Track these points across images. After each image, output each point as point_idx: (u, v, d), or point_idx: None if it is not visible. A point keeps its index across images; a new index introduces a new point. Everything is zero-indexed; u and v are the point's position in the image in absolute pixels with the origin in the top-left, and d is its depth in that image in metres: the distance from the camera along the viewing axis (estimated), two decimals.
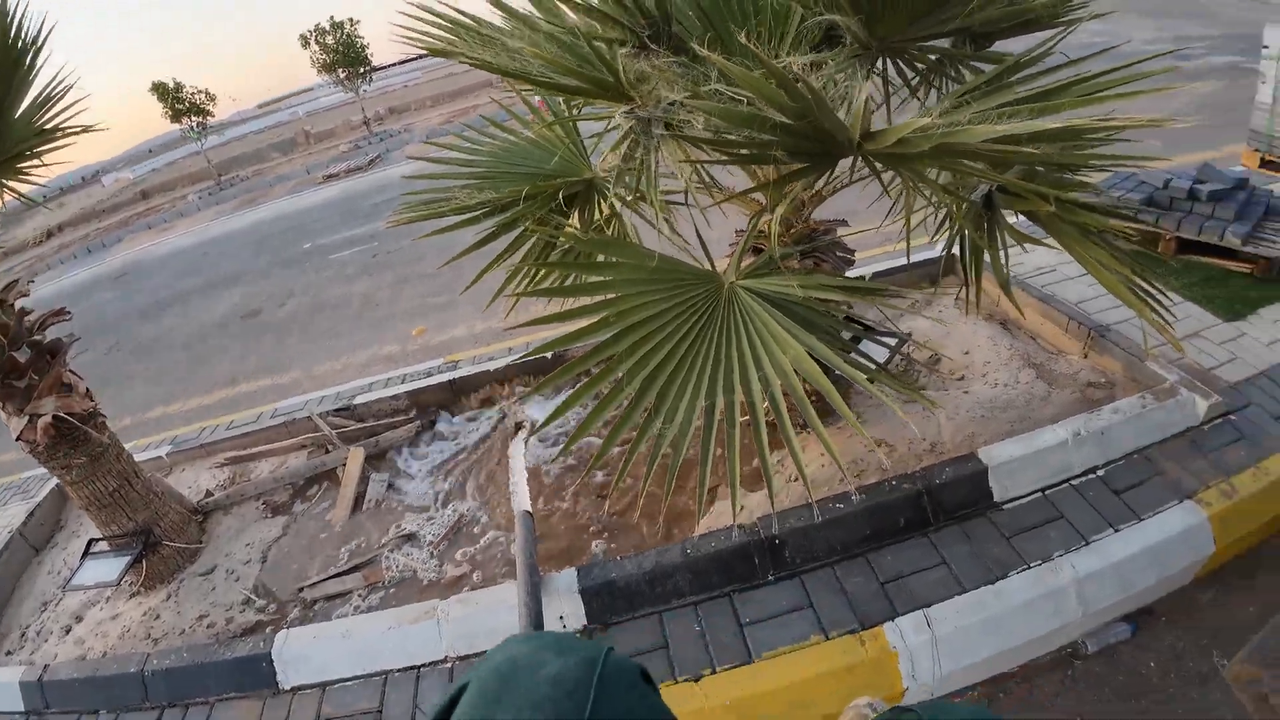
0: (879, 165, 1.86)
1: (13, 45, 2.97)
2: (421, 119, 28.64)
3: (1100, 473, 2.98)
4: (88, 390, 3.65)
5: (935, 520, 2.83)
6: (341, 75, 26.25)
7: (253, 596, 3.58)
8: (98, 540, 3.89)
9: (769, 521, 2.73)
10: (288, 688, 2.88)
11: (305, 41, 25.69)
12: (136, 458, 4.16)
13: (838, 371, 1.99)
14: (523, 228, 2.53)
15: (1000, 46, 2.38)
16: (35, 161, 3.41)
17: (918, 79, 2.41)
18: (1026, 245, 2.52)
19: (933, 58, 2.34)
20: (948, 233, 2.79)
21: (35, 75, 3.17)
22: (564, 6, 2.10)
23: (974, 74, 2.36)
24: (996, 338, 3.85)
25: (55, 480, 5.07)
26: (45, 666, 3.35)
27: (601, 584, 2.67)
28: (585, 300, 2.06)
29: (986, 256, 2.63)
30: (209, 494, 4.44)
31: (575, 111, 2.62)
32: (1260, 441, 3.02)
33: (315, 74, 26.74)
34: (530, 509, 2.96)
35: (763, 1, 2.26)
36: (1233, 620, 2.62)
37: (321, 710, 2.75)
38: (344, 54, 25.58)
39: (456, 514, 3.67)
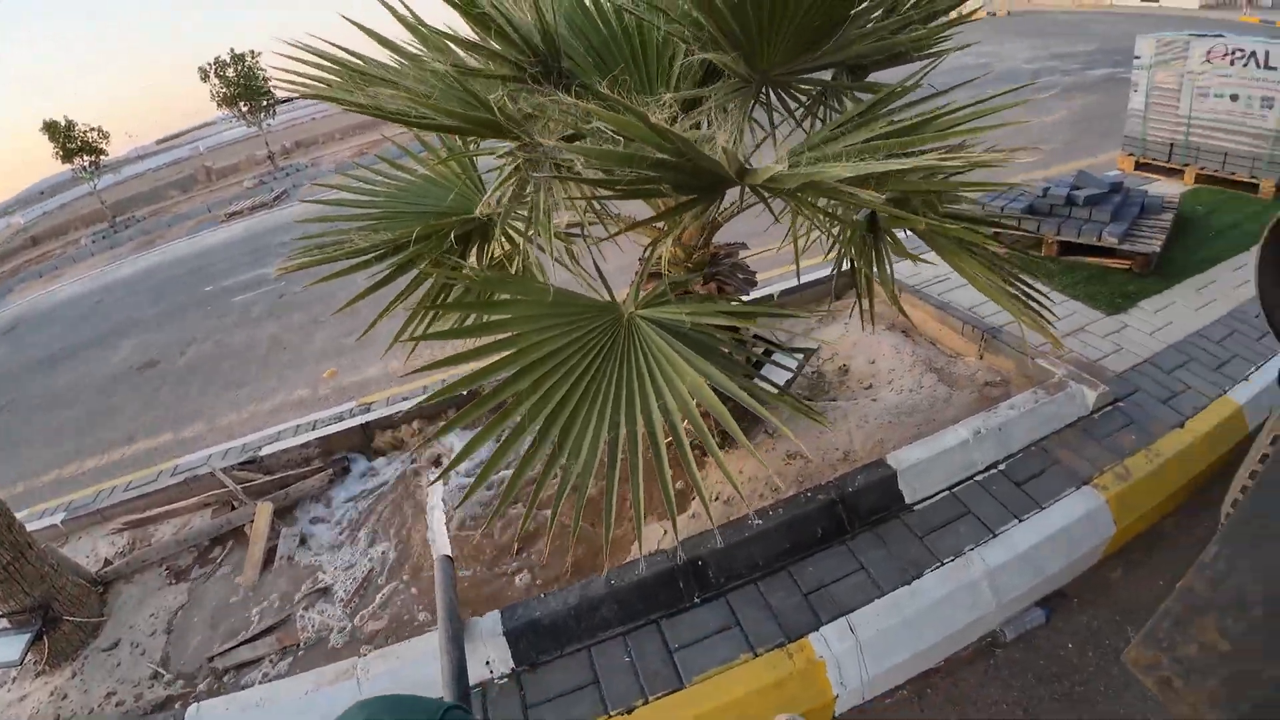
0: (765, 194, 1.94)
1: None
2: (330, 152, 27.81)
3: (1002, 467, 3.15)
4: None
5: (851, 527, 2.92)
6: (244, 109, 25.26)
7: (160, 670, 3.34)
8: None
9: (694, 544, 2.75)
10: None
11: (205, 75, 24.60)
12: (30, 527, 3.85)
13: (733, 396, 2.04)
14: (419, 268, 2.48)
15: (879, 76, 2.52)
16: None
17: (801, 109, 2.52)
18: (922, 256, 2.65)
19: (815, 90, 2.46)
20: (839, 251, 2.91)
21: None
22: (452, 44, 2.09)
23: (855, 103, 2.50)
24: (900, 346, 4.04)
25: None
26: None
27: (526, 624, 2.61)
28: (489, 339, 2.04)
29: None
30: (108, 562, 4.12)
31: (471, 147, 2.61)
32: (1149, 426, 3.26)
33: (216, 108, 25.65)
34: (450, 553, 2.87)
35: (648, 38, 2.33)
36: (1142, 596, 2.77)
37: None
38: (245, 87, 24.64)
39: (373, 564, 3.52)
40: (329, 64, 2.04)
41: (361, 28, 2.11)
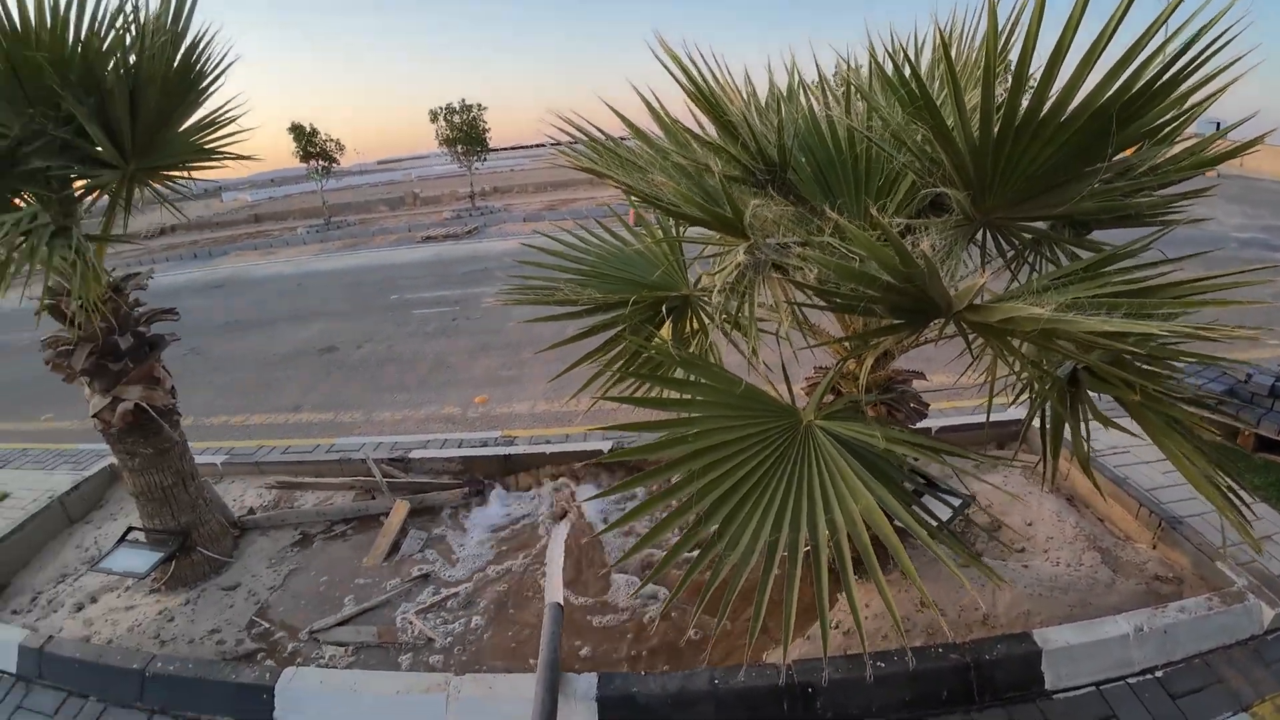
0: (969, 330, 1.92)
1: (191, 66, 3.28)
2: (522, 201, 30.41)
3: (1159, 673, 2.81)
4: (173, 388, 3.81)
5: (980, 698, 2.67)
6: (459, 151, 28.27)
7: (268, 624, 3.55)
8: (136, 529, 3.94)
9: (810, 668, 2.61)
10: None
11: (434, 116, 27.91)
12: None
13: (898, 524, 1.97)
14: (617, 330, 2.65)
15: (1097, 236, 2.45)
16: (183, 173, 3.69)
17: (1013, 253, 2.48)
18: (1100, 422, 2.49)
19: (1029, 236, 2.43)
20: (1027, 400, 2.79)
21: (205, 99, 3.49)
22: (694, 142, 2.29)
23: (1068, 255, 2.45)
24: (1063, 513, 3.71)
25: (110, 460, 5.27)
26: (50, 638, 3.39)
27: (621, 697, 2.57)
28: (663, 414, 2.12)
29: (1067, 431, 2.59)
30: (251, 511, 4.53)
31: (680, 231, 2.80)
32: None
33: (436, 145, 28.87)
34: (561, 601, 2.89)
35: (875, 165, 2.42)
36: None
37: None
38: (466, 133, 27.63)
39: (485, 588, 3.62)
40: (594, 145, 2.30)
41: (621, 116, 2.38)
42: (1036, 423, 2.75)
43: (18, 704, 3.21)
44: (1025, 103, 1.79)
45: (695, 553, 1.97)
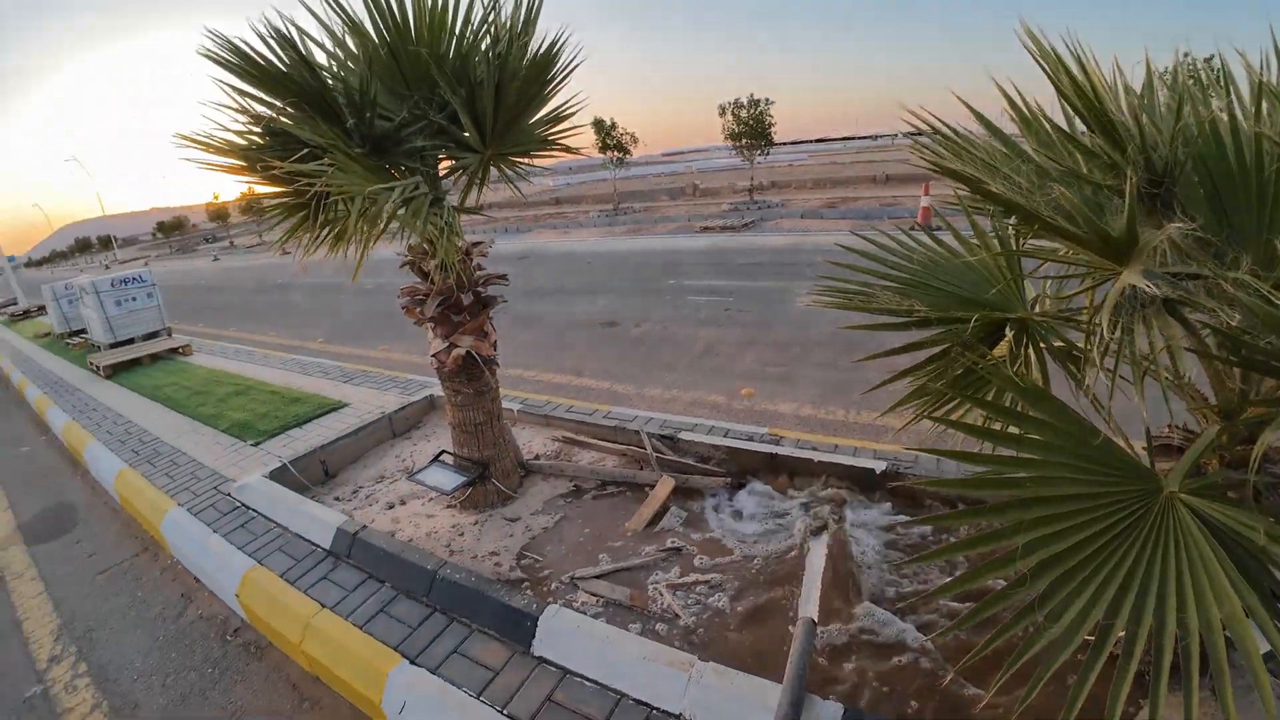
0: None
1: (546, 66, 3.73)
2: (799, 197, 30.09)
3: None
4: (495, 342, 4.48)
5: None
6: (742, 144, 28.82)
7: (536, 559, 3.98)
8: (448, 453, 4.73)
9: None
10: (536, 655, 3.14)
11: (723, 111, 28.82)
12: None
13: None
14: (943, 347, 2.43)
15: None
16: (526, 160, 4.31)
17: None
18: None
19: None
20: None
21: (553, 95, 4.00)
22: (1070, 146, 1.98)
23: None
24: None
25: (431, 391, 6.44)
26: (364, 526, 4.15)
27: None
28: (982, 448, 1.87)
29: None
30: (537, 457, 5.15)
31: (1021, 244, 2.46)
32: None
33: (721, 138, 29.79)
34: (815, 617, 2.77)
35: None
36: None
37: (554, 693, 2.92)
38: (752, 128, 28.04)
39: (735, 581, 3.62)
40: (953, 144, 2.11)
41: (979, 116, 2.15)
42: None
43: (324, 575, 3.95)
44: None
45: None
